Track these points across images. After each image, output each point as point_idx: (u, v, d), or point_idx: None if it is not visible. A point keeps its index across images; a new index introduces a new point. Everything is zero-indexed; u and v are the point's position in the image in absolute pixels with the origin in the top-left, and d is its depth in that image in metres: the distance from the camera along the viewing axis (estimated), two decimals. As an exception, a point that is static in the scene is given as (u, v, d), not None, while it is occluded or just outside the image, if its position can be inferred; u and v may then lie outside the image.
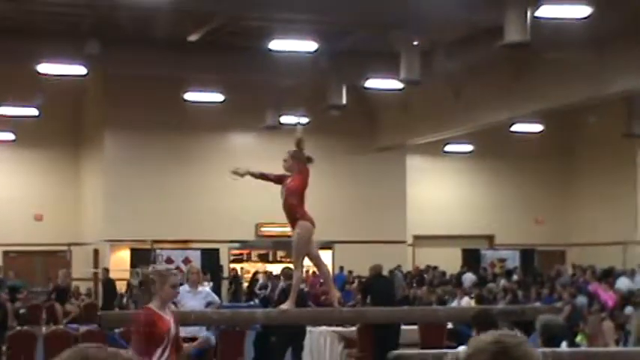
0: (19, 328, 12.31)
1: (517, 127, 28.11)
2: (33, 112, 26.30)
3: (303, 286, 14.13)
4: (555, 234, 31.48)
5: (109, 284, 23.87)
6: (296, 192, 8.73)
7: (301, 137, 8.88)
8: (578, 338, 14.05)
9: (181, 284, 13.68)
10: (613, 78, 19.80)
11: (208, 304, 11.66)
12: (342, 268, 27.56)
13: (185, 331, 11.49)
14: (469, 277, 23.76)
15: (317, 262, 9.13)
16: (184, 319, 10.40)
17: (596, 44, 19.17)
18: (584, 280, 20.88)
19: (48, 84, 23.99)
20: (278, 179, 9.02)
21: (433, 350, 5.09)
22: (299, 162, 8.81)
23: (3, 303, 12.73)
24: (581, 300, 17.18)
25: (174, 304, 11.70)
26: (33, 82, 23.66)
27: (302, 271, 9.29)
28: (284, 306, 8.88)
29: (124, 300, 23.54)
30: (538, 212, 31.80)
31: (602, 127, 28.83)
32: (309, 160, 8.95)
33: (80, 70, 22.37)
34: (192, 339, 11.24)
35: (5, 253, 28.00)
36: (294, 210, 8.72)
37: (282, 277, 13.32)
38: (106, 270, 24.88)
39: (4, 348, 11.70)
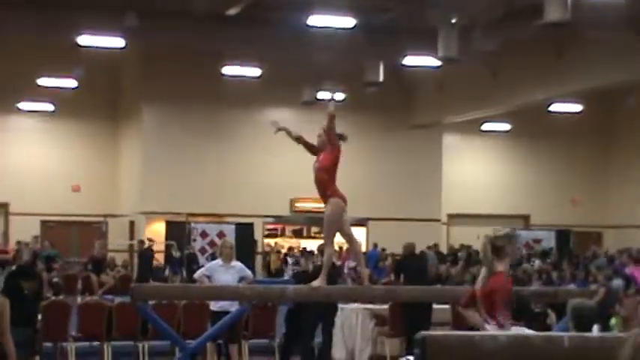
0: (53, 297, 12.43)
1: (555, 107, 27.85)
2: (72, 83, 26.48)
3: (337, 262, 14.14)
4: (592, 215, 31.23)
5: (145, 256, 24.06)
6: (327, 167, 8.71)
7: (333, 113, 8.83)
8: (613, 321, 13.94)
9: (214, 258, 13.78)
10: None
11: (241, 279, 11.71)
12: (375, 245, 27.54)
13: (217, 306, 11.59)
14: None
15: (349, 239, 9.11)
16: (218, 293, 10.49)
17: (635, 25, 18.90)
18: (621, 263, 20.68)
19: (87, 56, 24.11)
20: (312, 148, 8.95)
21: (462, 332, 5.06)
22: (332, 138, 8.77)
23: (39, 273, 12.86)
24: (617, 282, 17.01)
25: (208, 277, 11.77)
26: (72, 54, 23.78)
27: (333, 248, 9.27)
28: (316, 282, 8.89)
29: (166, 272, 23.63)
30: (575, 193, 31.54)
31: (641, 109, 28.50)
32: (342, 137, 8.91)
33: (119, 42, 22.45)
34: (226, 313, 11.32)
35: (43, 222, 28.32)
36: (324, 186, 8.70)
37: (318, 253, 13.32)
38: (142, 242, 25.07)
39: (39, 317, 11.84)
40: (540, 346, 4.97)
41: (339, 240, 9.34)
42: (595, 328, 6.86)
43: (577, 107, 28.46)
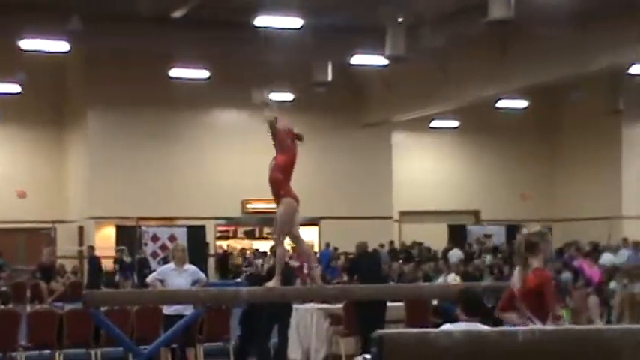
0: (2, 306, 12.23)
1: (502, 103, 28.14)
2: (16, 88, 26.12)
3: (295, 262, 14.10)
4: (541, 209, 31.57)
5: (94, 262, 23.81)
6: (282, 167, 8.70)
7: (270, 119, 8.83)
8: (563, 314, 14.10)
9: (166, 262, 13.67)
10: (597, 54, 19.82)
11: (195, 282, 11.63)
12: (328, 245, 27.59)
13: (170, 309, 11.50)
14: (456, 254, 23.81)
15: (297, 240, 9.09)
16: (172, 296, 10.40)
17: (580, 21, 19.15)
18: (570, 255, 20.95)
19: (30, 60, 23.80)
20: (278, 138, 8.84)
21: (417, 329, 5.08)
22: (281, 140, 8.76)
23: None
24: (566, 275, 17.23)
25: (161, 281, 11.67)
26: (15, 58, 23.46)
27: (284, 248, 9.24)
28: (270, 283, 8.86)
29: (116, 277, 23.43)
30: (524, 188, 31.88)
31: (587, 104, 28.90)
32: (298, 137, 8.91)
33: (63, 46, 22.20)
34: (180, 316, 11.23)
35: (-11, 230, 27.87)
36: (278, 186, 8.69)
37: (270, 254, 13.28)
38: (91, 247, 24.81)
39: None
40: (495, 340, 4.99)
41: (288, 241, 9.32)
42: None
43: (523, 103, 28.78)
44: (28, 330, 12.40)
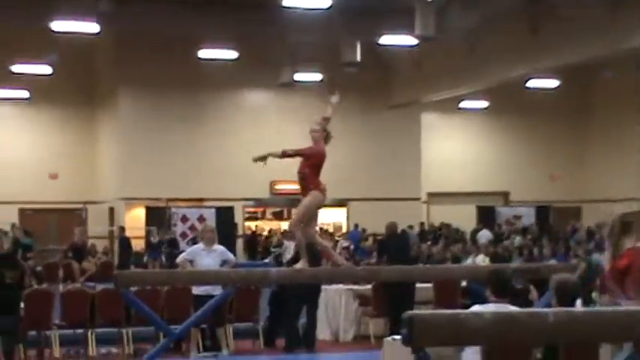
0: (36, 286, 12.37)
1: (532, 83, 27.93)
2: (47, 70, 26.27)
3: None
4: (570, 190, 31.40)
5: (124, 242, 23.99)
6: (312, 164, 8.66)
7: (331, 116, 8.79)
8: (594, 295, 14.05)
9: (195, 243, 13.76)
10: (629, 33, 19.61)
11: (223, 263, 11.71)
12: (356, 226, 27.61)
13: (200, 290, 11.57)
14: (485, 235, 23.76)
15: (313, 239, 9.03)
16: (202, 277, 10.48)
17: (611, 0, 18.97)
18: (601, 237, 20.82)
19: (61, 42, 23.93)
20: (299, 152, 8.82)
21: (447, 310, 5.09)
22: (323, 135, 8.74)
23: (20, 262, 12.81)
24: (597, 257, 17.14)
25: (190, 262, 11.76)
26: (46, 39, 23.60)
27: (302, 231, 9.16)
28: (298, 265, 8.89)
29: (144, 258, 23.61)
30: (553, 169, 31.70)
31: (618, 83, 28.64)
32: (328, 136, 8.88)
33: (93, 27, 22.28)
34: (209, 296, 11.29)
35: (21, 210, 28.17)
36: (307, 180, 8.65)
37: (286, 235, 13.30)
38: (122, 228, 25.00)
39: (22, 306, 11.80)
40: (525, 321, 4.99)
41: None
42: (578, 302, 6.91)
43: (554, 83, 28.56)
44: (62, 309, 12.54)
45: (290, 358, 12.16)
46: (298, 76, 26.27)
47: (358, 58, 23.52)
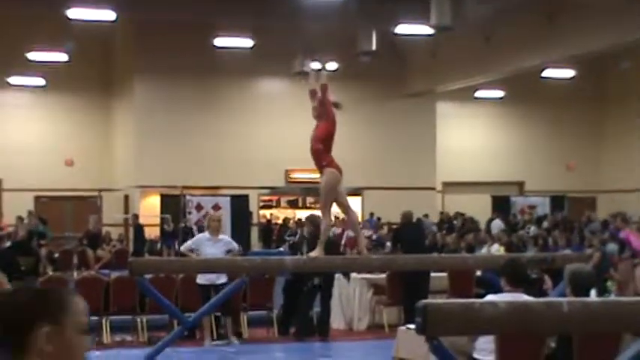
0: (51, 273, 12.42)
1: (548, 73, 27.82)
2: (63, 57, 26.34)
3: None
4: (586, 181, 31.30)
5: (139, 230, 24.06)
6: (322, 138, 8.67)
7: (326, 83, 8.79)
8: (608, 285, 14.03)
9: (202, 232, 13.78)
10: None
11: (228, 252, 11.69)
12: (372, 215, 27.60)
13: (203, 279, 11.56)
14: (496, 224, 23.71)
15: (345, 209, 9.09)
16: (216, 265, 10.51)
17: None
18: (616, 227, 20.74)
19: (77, 29, 23.97)
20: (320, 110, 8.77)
21: (462, 299, 5.08)
22: (328, 109, 8.73)
23: (35, 249, 12.86)
24: (612, 247, 17.09)
25: (193, 251, 11.76)
26: (62, 27, 23.64)
27: (330, 219, 9.23)
28: (313, 253, 8.90)
29: (158, 246, 23.70)
30: (569, 159, 31.60)
31: (634, 73, 28.48)
32: (337, 106, 8.87)
33: (109, 15, 22.31)
34: (213, 286, 11.33)
35: (36, 198, 28.29)
36: (320, 156, 8.67)
37: (307, 222, 13.30)
38: (136, 216, 25.07)
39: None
40: (540, 311, 4.99)
41: (334, 210, 9.34)
42: (592, 292, 6.90)
43: (570, 73, 28.43)
44: (76, 296, 12.57)
45: (304, 346, 12.17)
46: (314, 65, 26.22)
47: (374, 47, 23.45)
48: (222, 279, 11.49)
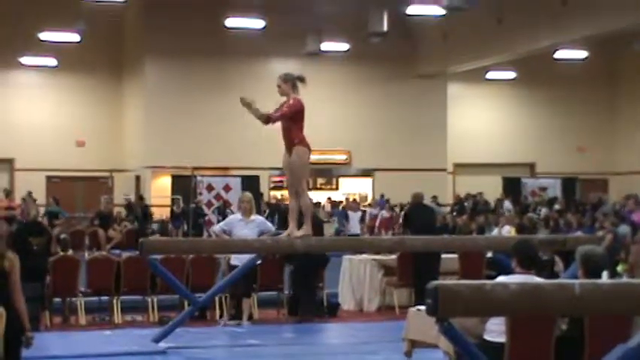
0: (62, 253, 12.43)
1: (560, 54, 27.68)
2: (74, 37, 26.32)
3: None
4: (597, 162, 31.19)
5: (144, 211, 24.03)
6: (288, 115, 8.63)
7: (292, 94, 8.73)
8: (619, 267, 13.99)
9: (220, 211, 13.77)
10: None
11: (261, 233, 11.57)
12: (382, 196, 27.57)
13: (238, 260, 11.43)
14: (506, 205, 23.64)
15: (303, 190, 9.01)
16: (225, 246, 10.51)
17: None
18: (628, 210, 20.68)
19: (89, 10, 23.95)
20: (282, 115, 8.74)
21: (473, 281, 5.07)
22: (291, 84, 8.68)
23: (47, 229, 12.88)
24: (624, 229, 17.03)
25: (226, 232, 11.67)
26: (74, 7, 23.63)
27: (309, 196, 9.10)
28: (300, 231, 8.87)
29: (169, 226, 23.70)
30: (580, 140, 31.48)
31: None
32: (301, 79, 8.82)
33: (120, -5, 22.30)
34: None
35: (48, 178, 28.37)
36: (289, 134, 8.63)
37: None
38: (140, 197, 25.17)
39: (48, 273, 11.88)
40: (552, 293, 4.97)
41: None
42: (604, 274, 6.86)
43: (582, 54, 28.28)
44: (87, 276, 12.61)
45: (314, 327, 12.16)
46: (325, 46, 26.16)
47: (385, 28, 23.37)
48: (257, 260, 11.40)
